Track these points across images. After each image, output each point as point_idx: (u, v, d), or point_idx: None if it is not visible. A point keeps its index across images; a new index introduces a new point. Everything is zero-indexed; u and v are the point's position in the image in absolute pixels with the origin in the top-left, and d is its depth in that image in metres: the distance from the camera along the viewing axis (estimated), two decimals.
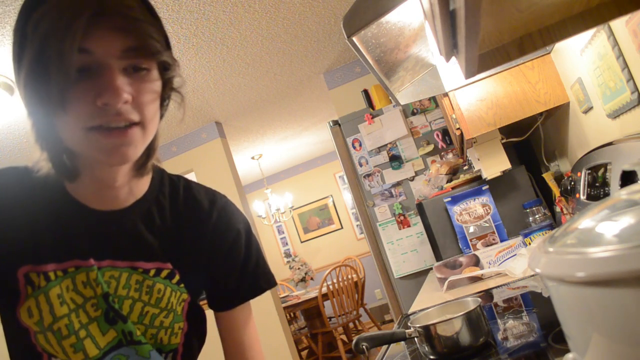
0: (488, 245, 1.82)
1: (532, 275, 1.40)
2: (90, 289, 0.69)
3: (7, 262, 0.67)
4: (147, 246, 0.72)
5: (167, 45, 0.66)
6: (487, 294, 1.39)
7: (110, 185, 0.69)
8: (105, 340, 0.69)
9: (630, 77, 1.05)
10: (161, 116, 0.70)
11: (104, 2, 0.57)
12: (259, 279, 0.83)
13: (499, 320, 1.07)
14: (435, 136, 2.83)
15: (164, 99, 0.69)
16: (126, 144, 0.61)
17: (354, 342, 0.88)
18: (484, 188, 1.91)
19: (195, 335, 0.80)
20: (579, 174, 1.35)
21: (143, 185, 0.75)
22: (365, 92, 3.12)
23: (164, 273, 0.73)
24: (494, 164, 1.87)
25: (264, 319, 3.76)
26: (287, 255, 6.74)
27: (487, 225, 1.87)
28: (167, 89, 0.69)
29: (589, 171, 1.27)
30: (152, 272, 0.72)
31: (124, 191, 0.71)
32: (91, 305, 0.69)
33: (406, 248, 2.82)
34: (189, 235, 0.77)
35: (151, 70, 0.63)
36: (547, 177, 1.78)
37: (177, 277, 0.74)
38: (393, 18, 0.75)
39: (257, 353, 0.83)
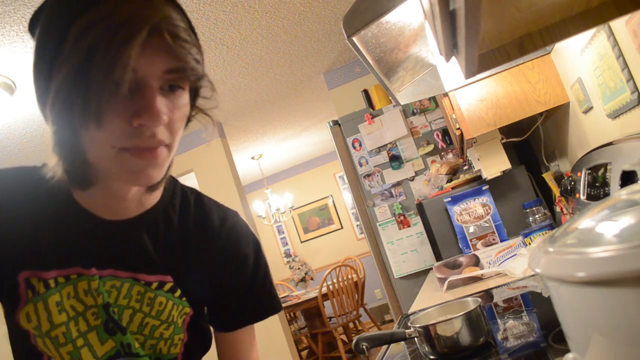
0: (488, 245, 1.82)
1: (532, 275, 1.40)
2: (91, 298, 0.68)
3: (9, 266, 0.66)
4: (148, 258, 0.71)
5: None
6: (487, 294, 1.39)
7: (122, 198, 0.68)
8: (104, 350, 0.69)
9: (630, 77, 1.05)
10: None
11: (156, 20, 0.55)
12: (263, 304, 0.81)
13: (499, 320, 1.07)
14: (435, 136, 2.83)
15: (189, 119, 0.67)
16: (153, 165, 0.60)
17: (354, 342, 0.88)
18: (484, 188, 1.91)
19: (197, 346, 0.79)
20: (579, 174, 1.35)
21: (154, 196, 0.73)
22: (365, 92, 3.12)
23: (167, 286, 0.72)
24: (494, 164, 1.87)
25: None
26: (287, 255, 6.74)
27: (487, 225, 1.87)
28: (195, 110, 0.67)
29: (589, 171, 1.27)
30: (154, 285, 0.71)
31: (133, 203, 0.70)
32: (91, 313, 0.68)
33: (406, 248, 2.82)
34: (195, 252, 0.75)
35: (185, 90, 0.62)
36: (547, 177, 1.78)
37: (179, 291, 0.73)
38: (393, 18, 0.75)
39: None
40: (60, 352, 0.67)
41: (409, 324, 0.92)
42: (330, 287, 4.41)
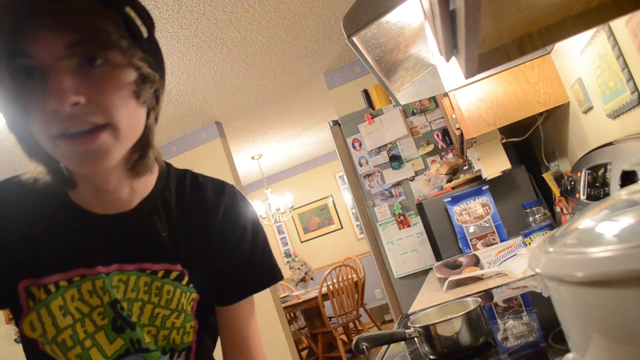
0: (488, 245, 1.82)
1: (532, 275, 1.40)
2: (96, 298, 0.68)
3: (8, 277, 0.66)
4: (154, 246, 0.71)
5: (134, 33, 0.59)
6: (487, 294, 1.39)
7: (106, 189, 0.67)
8: (113, 349, 0.68)
9: (630, 77, 1.05)
10: (153, 109, 0.65)
11: (38, 1, 0.52)
12: (263, 273, 0.81)
13: (499, 320, 1.07)
14: (435, 136, 2.83)
15: (138, 92, 0.60)
16: (94, 150, 0.56)
17: (354, 342, 0.88)
18: (484, 188, 1.91)
19: (207, 331, 0.78)
20: (579, 174, 1.35)
21: (148, 183, 0.72)
22: (365, 92, 3.12)
23: (174, 275, 0.72)
24: (494, 164, 1.87)
25: (264, 318, 3.76)
26: (287, 255, 6.73)
27: (487, 225, 1.87)
28: (148, 82, 0.61)
29: (589, 171, 1.27)
30: (160, 274, 0.71)
31: (124, 192, 0.69)
32: (98, 314, 0.68)
33: (406, 248, 2.82)
34: (196, 230, 0.75)
35: (112, 62, 0.57)
36: (547, 177, 1.78)
37: (186, 278, 0.73)
38: (393, 18, 0.75)
39: (259, 348, 0.81)
40: (68, 356, 0.66)
41: (409, 324, 0.92)
42: (330, 287, 4.41)
